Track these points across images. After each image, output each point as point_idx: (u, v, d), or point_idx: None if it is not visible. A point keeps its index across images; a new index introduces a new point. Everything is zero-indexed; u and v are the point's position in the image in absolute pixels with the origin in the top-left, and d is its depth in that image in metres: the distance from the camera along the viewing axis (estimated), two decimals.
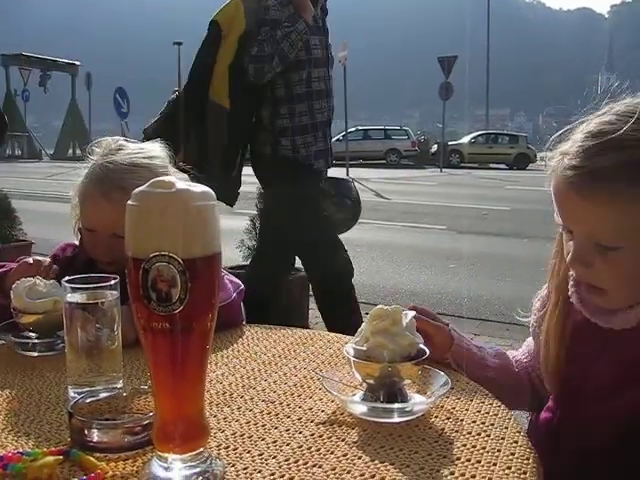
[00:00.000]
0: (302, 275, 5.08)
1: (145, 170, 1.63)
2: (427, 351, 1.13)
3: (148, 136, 3.46)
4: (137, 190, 0.84)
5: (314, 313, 5.34)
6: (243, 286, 1.68)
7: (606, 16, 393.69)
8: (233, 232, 5.44)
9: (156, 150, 1.73)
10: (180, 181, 0.84)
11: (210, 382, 1.26)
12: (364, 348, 1.10)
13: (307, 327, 4.94)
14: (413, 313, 1.15)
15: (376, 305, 1.17)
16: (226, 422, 1.08)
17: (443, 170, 27.38)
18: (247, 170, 3.79)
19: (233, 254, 5.33)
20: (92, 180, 1.67)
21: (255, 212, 5.13)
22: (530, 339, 1.49)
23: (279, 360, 1.38)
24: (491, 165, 32.33)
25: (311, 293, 5.41)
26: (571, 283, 1.24)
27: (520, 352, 1.51)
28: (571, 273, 1.24)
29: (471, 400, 1.16)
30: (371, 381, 1.12)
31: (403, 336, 1.10)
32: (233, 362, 1.37)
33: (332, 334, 1.57)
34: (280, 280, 4.40)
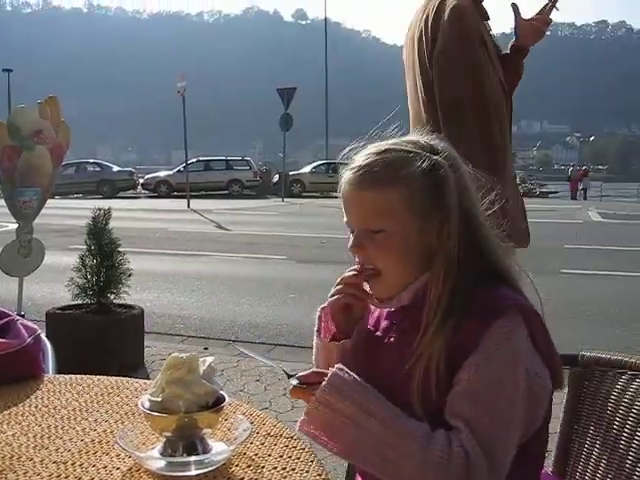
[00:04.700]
0: (135, 313, 4.92)
1: None
2: (226, 397, 1.10)
3: None
4: None
5: (150, 351, 5.19)
6: (40, 332, 1.57)
7: None
8: (65, 269, 5.19)
9: None
10: None
11: None
12: (159, 399, 1.06)
13: (138, 367, 4.78)
14: (211, 359, 1.12)
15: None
16: None
17: (285, 200, 27.70)
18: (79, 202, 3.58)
19: (64, 293, 5.08)
20: None
21: (85, 248, 4.91)
22: None
23: (79, 414, 1.30)
24: (332, 193, 33.09)
25: (147, 330, 5.27)
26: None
27: None
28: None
29: (275, 445, 1.15)
30: (169, 433, 1.07)
31: (200, 384, 1.06)
32: (28, 420, 1.27)
33: (141, 381, 1.51)
34: None
